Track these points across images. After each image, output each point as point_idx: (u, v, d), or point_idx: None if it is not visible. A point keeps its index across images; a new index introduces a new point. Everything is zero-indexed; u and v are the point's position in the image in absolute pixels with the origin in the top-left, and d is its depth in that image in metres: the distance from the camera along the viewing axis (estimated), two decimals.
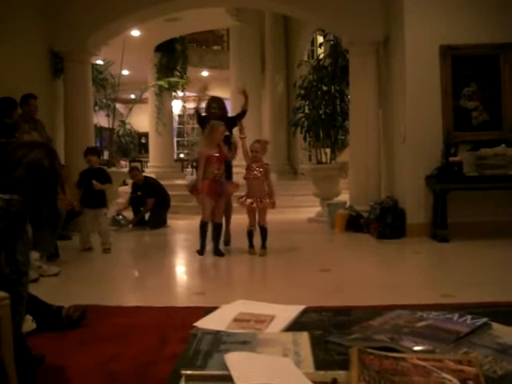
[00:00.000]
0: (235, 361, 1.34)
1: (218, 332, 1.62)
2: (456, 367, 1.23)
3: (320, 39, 12.45)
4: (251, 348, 1.45)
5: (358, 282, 5.19)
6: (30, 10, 8.17)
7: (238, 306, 1.93)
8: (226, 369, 1.30)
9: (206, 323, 1.75)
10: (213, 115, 6.95)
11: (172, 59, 15.62)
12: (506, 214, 7.20)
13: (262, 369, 1.31)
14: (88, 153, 7.28)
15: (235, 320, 1.75)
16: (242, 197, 6.60)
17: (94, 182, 6.93)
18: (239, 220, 7.28)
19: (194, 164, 13.49)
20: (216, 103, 7.16)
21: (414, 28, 7.44)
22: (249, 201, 6.52)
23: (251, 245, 6.62)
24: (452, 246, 6.85)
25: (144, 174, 10.28)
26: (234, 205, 7.01)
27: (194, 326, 1.73)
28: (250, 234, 6.62)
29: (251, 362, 1.36)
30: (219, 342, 1.52)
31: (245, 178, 6.57)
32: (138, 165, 13.82)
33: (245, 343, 1.50)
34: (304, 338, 1.54)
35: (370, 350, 1.29)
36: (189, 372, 1.33)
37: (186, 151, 24.04)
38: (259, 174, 6.48)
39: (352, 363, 1.24)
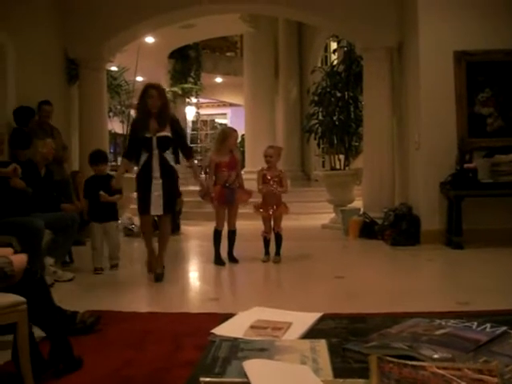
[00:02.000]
0: (254, 368, 1.33)
1: (235, 339, 1.62)
2: (476, 376, 1.22)
3: (333, 45, 12.43)
4: (269, 355, 1.45)
5: (372, 289, 5.17)
6: (45, 18, 8.23)
7: (254, 313, 1.92)
8: (245, 376, 1.30)
9: (223, 330, 1.75)
10: (146, 106, 5.68)
11: (186, 65, 15.69)
12: None
13: (281, 376, 1.31)
14: (96, 161, 6.38)
15: (252, 327, 1.75)
16: (257, 204, 6.60)
17: (101, 193, 6.11)
18: (253, 226, 7.28)
19: (207, 170, 13.52)
20: (156, 90, 5.68)
21: (428, 34, 7.42)
22: (264, 208, 6.52)
23: (266, 252, 6.61)
24: (467, 253, 6.81)
25: None
26: (247, 210, 6.97)
27: (212, 333, 1.73)
28: (266, 241, 6.61)
29: (270, 369, 1.36)
30: (237, 349, 1.52)
31: (259, 191, 6.54)
32: None
33: (263, 350, 1.50)
34: (322, 345, 1.53)
35: (389, 358, 1.28)
36: (207, 379, 1.33)
37: (199, 157, 24.08)
38: (274, 185, 6.49)
39: (371, 371, 1.24)
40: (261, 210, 6.54)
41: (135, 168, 5.97)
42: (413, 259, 6.80)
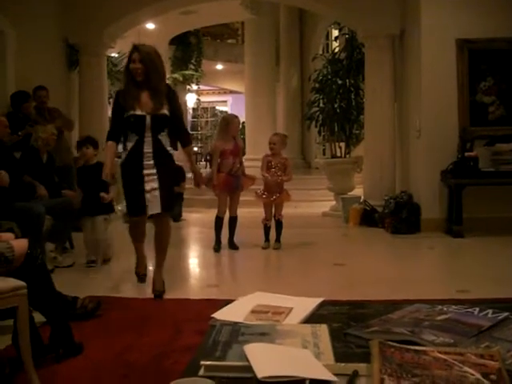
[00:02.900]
0: (255, 352, 1.33)
1: (236, 323, 1.61)
2: (478, 361, 1.22)
3: (335, 33, 12.37)
4: (270, 339, 1.44)
5: (372, 276, 5.18)
6: (46, 3, 8.20)
7: (255, 297, 1.92)
8: (246, 360, 1.29)
9: (223, 315, 1.74)
10: (130, 74, 4.52)
11: (187, 52, 15.65)
12: None
13: (282, 360, 1.31)
14: (82, 144, 5.96)
15: (253, 312, 1.75)
16: (259, 190, 6.59)
17: (103, 195, 5.60)
18: (253, 214, 7.28)
19: (208, 157, 13.40)
20: (138, 53, 4.43)
21: (430, 21, 7.38)
22: (266, 194, 6.51)
23: (266, 239, 6.62)
24: (467, 241, 6.82)
25: None
26: (248, 198, 6.96)
27: (212, 317, 1.73)
28: (266, 228, 6.62)
29: (271, 353, 1.36)
30: (238, 333, 1.51)
31: (264, 177, 6.52)
32: None
33: (264, 335, 1.49)
34: (323, 330, 1.53)
35: (390, 343, 1.28)
36: (208, 362, 1.32)
37: (199, 145, 24.08)
38: (278, 172, 6.48)
39: (373, 355, 1.23)
40: (263, 196, 6.53)
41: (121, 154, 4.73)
42: (413, 247, 6.81)
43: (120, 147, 4.67)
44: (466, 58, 7.37)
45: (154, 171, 4.45)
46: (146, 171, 4.44)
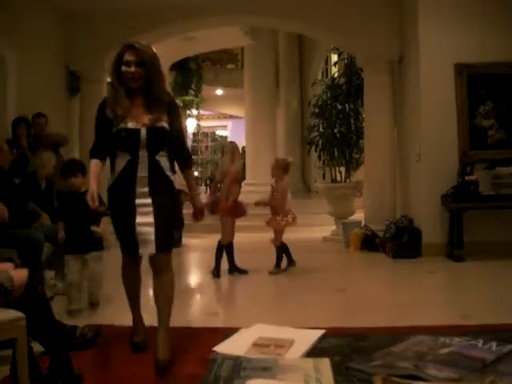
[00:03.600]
0: None
1: (237, 357, 1.59)
2: None
3: (334, 58, 12.47)
4: (272, 375, 1.43)
5: (374, 302, 5.14)
6: (47, 31, 8.25)
7: (256, 329, 1.90)
8: None
9: (225, 348, 1.73)
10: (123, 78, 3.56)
11: (187, 78, 15.73)
12: None
13: None
14: (68, 171, 4.98)
15: (254, 345, 1.73)
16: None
17: (95, 229, 4.92)
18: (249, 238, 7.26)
19: (208, 182, 13.39)
20: (134, 52, 3.54)
21: (428, 46, 7.42)
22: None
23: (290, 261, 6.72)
24: (468, 265, 6.78)
25: None
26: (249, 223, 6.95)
27: (214, 351, 1.70)
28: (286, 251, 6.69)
29: None
30: (239, 367, 1.49)
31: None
32: None
33: (265, 369, 1.47)
34: (325, 364, 1.51)
35: (393, 379, 1.26)
36: None
37: (200, 169, 24.10)
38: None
39: None
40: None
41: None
42: (414, 272, 6.76)
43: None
44: (465, 82, 7.39)
45: (150, 201, 3.51)
46: (139, 201, 3.50)
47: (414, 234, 7.49)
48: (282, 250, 6.63)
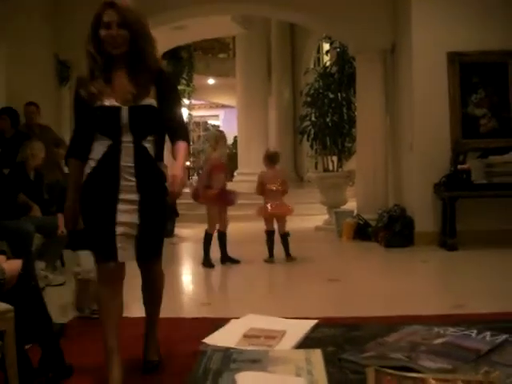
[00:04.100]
0: (246, 381, 1.28)
1: (227, 349, 1.56)
2: None
3: (326, 46, 12.40)
4: (262, 367, 1.40)
5: (367, 292, 5.12)
6: (37, 20, 8.15)
7: (247, 320, 1.87)
8: None
9: (215, 339, 1.69)
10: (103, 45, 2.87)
11: (178, 67, 15.60)
12: None
13: None
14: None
15: (245, 336, 1.70)
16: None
17: None
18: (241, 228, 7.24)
19: (200, 172, 13.40)
20: (115, 11, 2.85)
21: (421, 35, 7.38)
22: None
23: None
24: (461, 254, 6.77)
25: None
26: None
27: (203, 343, 1.67)
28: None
29: (263, 382, 1.31)
30: (229, 360, 1.46)
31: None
32: None
33: (256, 362, 1.44)
34: (317, 355, 1.48)
35: (387, 370, 1.23)
36: None
37: (192, 159, 24.02)
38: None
39: None
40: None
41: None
42: (407, 261, 6.76)
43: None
44: (458, 70, 7.37)
45: (136, 197, 2.78)
46: (122, 195, 2.77)
47: (407, 222, 7.48)
48: (268, 238, 6.63)
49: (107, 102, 2.77)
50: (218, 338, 1.71)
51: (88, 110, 2.81)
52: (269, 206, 6.56)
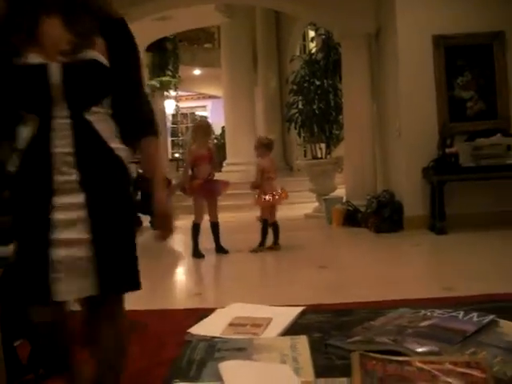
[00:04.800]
0: (230, 370, 1.26)
1: (212, 338, 1.54)
2: (463, 370, 1.16)
3: (311, 33, 12.36)
4: (247, 355, 1.38)
5: (356, 277, 5.13)
6: None
7: (233, 309, 1.85)
8: (221, 379, 1.22)
9: (200, 329, 1.67)
10: None
11: (163, 58, 15.55)
12: (503, 204, 7.13)
13: (259, 378, 1.24)
14: None
15: (231, 325, 1.68)
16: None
17: None
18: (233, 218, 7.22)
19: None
20: None
21: (405, 19, 7.36)
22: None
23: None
24: (451, 237, 6.79)
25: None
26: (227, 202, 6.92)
27: (188, 333, 1.65)
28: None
29: (247, 370, 1.29)
30: (214, 349, 1.44)
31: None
32: None
33: (241, 350, 1.42)
34: (302, 342, 1.46)
35: (372, 355, 1.22)
36: None
37: (181, 151, 23.95)
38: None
39: (353, 370, 1.17)
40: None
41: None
42: (397, 246, 6.77)
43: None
44: (443, 53, 7.35)
45: (80, 199, 1.88)
46: (58, 199, 1.86)
47: (396, 207, 7.48)
48: (269, 227, 6.61)
49: (31, 59, 1.83)
50: (204, 328, 1.68)
51: (3, 72, 1.86)
52: (269, 195, 6.53)
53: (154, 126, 2.07)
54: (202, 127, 6.62)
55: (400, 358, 1.25)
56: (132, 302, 4.17)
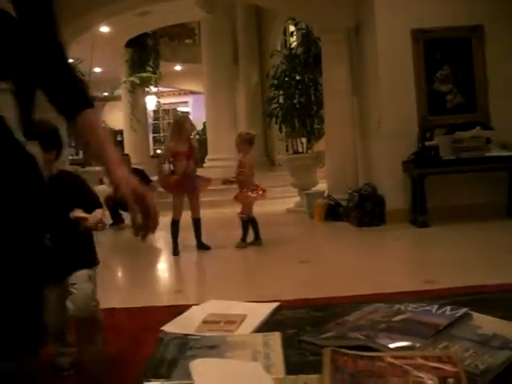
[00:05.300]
0: (200, 368, 1.24)
1: (185, 336, 1.52)
2: (434, 365, 1.15)
3: (292, 28, 12.35)
4: (220, 353, 1.36)
5: (337, 272, 5.13)
6: None
7: (208, 306, 1.83)
8: (191, 378, 1.20)
9: (173, 326, 1.65)
10: None
11: (144, 54, 15.50)
12: (484, 197, 7.16)
13: (229, 376, 1.22)
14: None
15: (204, 322, 1.66)
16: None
17: (78, 215, 2.78)
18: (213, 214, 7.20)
19: (171, 159, 13.32)
20: None
21: (384, 12, 7.37)
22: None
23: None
24: (432, 230, 6.82)
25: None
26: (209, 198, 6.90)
27: (161, 330, 1.63)
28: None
29: (218, 368, 1.27)
30: (186, 347, 1.42)
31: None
32: None
33: (213, 348, 1.41)
34: (275, 338, 1.45)
35: (343, 351, 1.21)
36: (151, 383, 1.23)
37: (162, 147, 23.87)
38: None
39: (324, 366, 1.16)
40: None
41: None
42: (379, 239, 6.79)
43: None
44: (422, 47, 7.38)
45: None
46: None
47: (378, 201, 7.50)
48: (249, 223, 6.58)
49: None
50: (177, 325, 1.66)
51: None
52: (253, 191, 6.50)
53: (88, 95, 1.55)
54: (177, 123, 6.58)
55: (372, 354, 1.24)
56: (111, 300, 4.17)
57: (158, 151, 22.04)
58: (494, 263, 4.87)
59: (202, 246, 6.46)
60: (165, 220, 9.24)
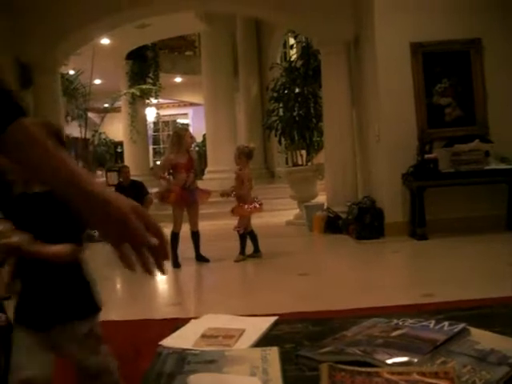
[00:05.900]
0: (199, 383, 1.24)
1: (183, 351, 1.52)
2: (431, 381, 1.15)
3: (292, 41, 12.40)
4: (218, 368, 1.36)
5: (336, 285, 5.12)
6: None
7: (207, 320, 1.83)
8: None
9: (172, 341, 1.65)
10: None
11: (144, 66, 15.57)
12: (483, 210, 7.17)
13: None
14: None
15: (203, 336, 1.66)
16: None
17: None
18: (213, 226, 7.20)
19: (171, 171, 13.32)
20: None
21: (384, 26, 7.40)
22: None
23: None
24: (431, 243, 6.81)
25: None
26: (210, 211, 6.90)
27: (160, 345, 1.63)
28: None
29: None
30: (184, 362, 1.42)
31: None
32: None
33: (211, 362, 1.41)
34: (273, 353, 1.45)
35: (341, 366, 1.21)
36: None
37: (162, 158, 23.88)
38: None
39: (322, 381, 1.16)
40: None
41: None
42: (377, 252, 6.78)
43: None
44: (421, 61, 7.40)
45: None
46: None
47: (377, 214, 7.50)
48: (247, 236, 6.56)
49: None
50: (176, 340, 1.66)
51: None
52: (251, 205, 6.49)
53: (19, 102, 1.14)
54: (177, 135, 6.59)
55: (369, 369, 1.24)
56: (110, 312, 4.16)
57: (158, 162, 22.08)
58: (493, 276, 4.86)
59: (201, 259, 6.46)
60: (167, 232, 9.26)
